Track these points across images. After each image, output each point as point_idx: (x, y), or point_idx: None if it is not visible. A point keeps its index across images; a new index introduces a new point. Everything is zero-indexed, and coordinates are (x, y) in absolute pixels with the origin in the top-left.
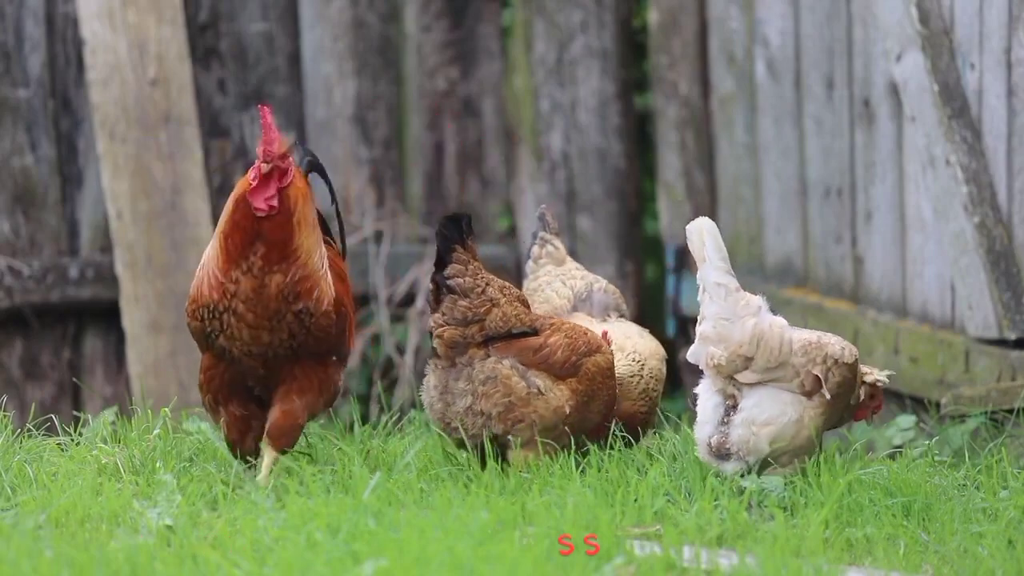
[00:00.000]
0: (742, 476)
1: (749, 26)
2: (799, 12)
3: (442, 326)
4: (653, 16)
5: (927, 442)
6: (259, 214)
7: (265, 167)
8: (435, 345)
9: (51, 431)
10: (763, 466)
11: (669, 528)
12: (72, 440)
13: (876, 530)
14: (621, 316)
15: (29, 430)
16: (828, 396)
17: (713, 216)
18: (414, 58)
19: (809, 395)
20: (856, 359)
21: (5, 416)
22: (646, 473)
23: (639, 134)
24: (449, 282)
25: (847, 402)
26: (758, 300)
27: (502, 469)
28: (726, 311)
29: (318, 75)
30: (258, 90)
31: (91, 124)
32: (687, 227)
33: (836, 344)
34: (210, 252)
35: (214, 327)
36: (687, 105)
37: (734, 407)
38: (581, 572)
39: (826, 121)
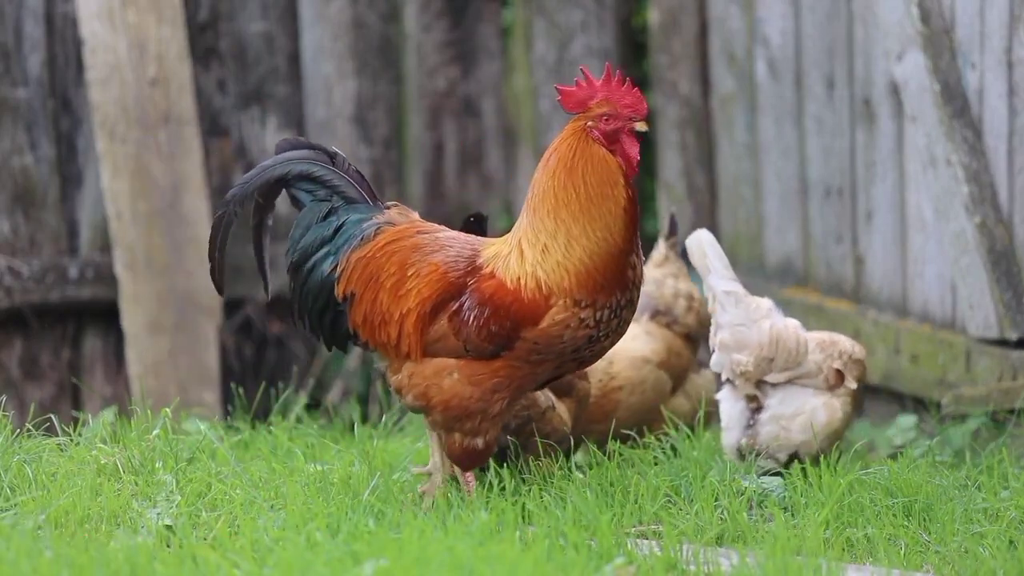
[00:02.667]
0: (774, 472)
1: (749, 26)
2: (800, 12)
3: None
4: (653, 16)
5: (928, 442)
6: (632, 174)
7: (643, 126)
8: None
9: (50, 431)
10: (792, 459)
11: (669, 528)
12: (71, 440)
13: (877, 530)
14: (658, 318)
15: (28, 430)
16: (854, 386)
17: (713, 216)
18: (414, 58)
19: (832, 389)
20: (864, 356)
21: (4, 416)
22: (646, 474)
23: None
24: None
25: (861, 397)
26: (767, 302)
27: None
28: (740, 317)
29: (318, 75)
30: (258, 90)
31: (91, 124)
32: (686, 241)
33: (846, 341)
34: (592, 235)
35: (609, 328)
36: (687, 105)
37: (758, 409)
38: (581, 572)
39: (827, 121)
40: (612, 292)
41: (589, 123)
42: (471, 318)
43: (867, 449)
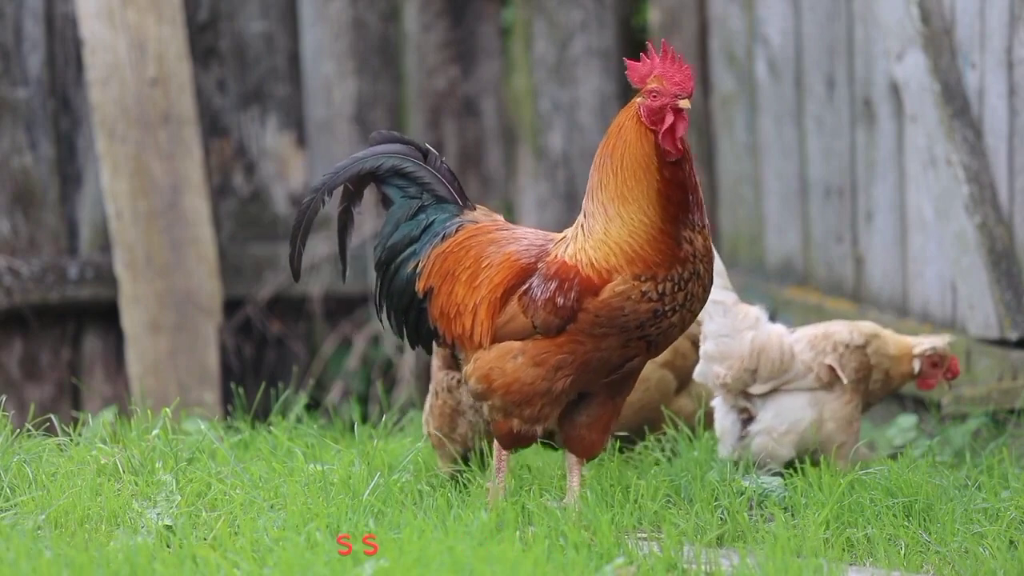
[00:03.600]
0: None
1: (750, 25)
2: (800, 11)
3: None
4: (654, 15)
5: (928, 442)
6: (669, 158)
7: (686, 103)
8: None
9: (50, 431)
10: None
11: (669, 528)
12: (71, 440)
13: (877, 530)
14: None
15: (28, 430)
16: (847, 381)
17: (713, 216)
18: (414, 57)
19: (829, 387)
20: (867, 340)
21: (4, 416)
22: (645, 474)
23: None
24: None
25: (871, 381)
26: (756, 311)
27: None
28: (725, 328)
29: (318, 75)
30: (258, 90)
31: (91, 124)
32: None
33: (843, 330)
34: (627, 217)
35: (675, 301)
36: None
37: (749, 420)
38: (581, 572)
39: (827, 121)
40: (671, 267)
41: (639, 99)
42: (539, 294)
43: (867, 449)
